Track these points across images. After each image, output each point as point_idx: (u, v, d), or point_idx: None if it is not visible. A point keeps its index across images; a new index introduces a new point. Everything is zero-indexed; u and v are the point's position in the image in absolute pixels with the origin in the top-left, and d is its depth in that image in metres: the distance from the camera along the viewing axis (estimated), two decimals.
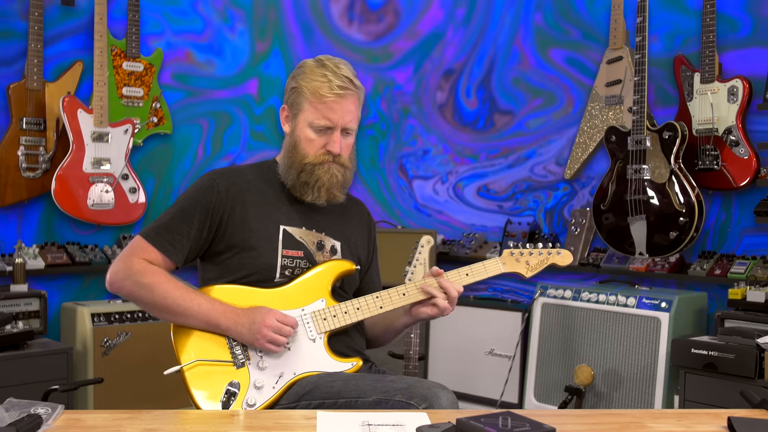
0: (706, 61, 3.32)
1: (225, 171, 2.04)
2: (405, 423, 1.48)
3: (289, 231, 1.98)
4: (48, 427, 1.44)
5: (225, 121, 4.11)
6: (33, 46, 3.44)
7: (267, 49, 4.20)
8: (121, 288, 1.91)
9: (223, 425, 1.53)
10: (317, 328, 1.91)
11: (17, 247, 3.43)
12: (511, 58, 4.21)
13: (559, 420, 1.60)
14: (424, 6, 4.42)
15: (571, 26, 3.99)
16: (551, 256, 2.09)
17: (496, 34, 4.26)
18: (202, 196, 1.95)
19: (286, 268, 1.95)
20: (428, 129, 4.45)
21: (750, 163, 3.23)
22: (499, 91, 4.26)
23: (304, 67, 2.00)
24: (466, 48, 4.35)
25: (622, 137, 3.48)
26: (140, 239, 1.93)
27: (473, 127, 4.35)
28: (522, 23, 4.17)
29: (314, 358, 1.89)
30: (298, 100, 1.98)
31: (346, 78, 1.95)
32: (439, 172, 4.44)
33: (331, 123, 1.95)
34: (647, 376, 3.19)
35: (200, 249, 1.97)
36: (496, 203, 4.28)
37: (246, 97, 4.17)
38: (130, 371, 3.35)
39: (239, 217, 1.95)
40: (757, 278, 3.12)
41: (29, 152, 3.45)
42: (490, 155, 4.29)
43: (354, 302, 1.95)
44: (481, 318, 3.84)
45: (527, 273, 2.07)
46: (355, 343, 2.03)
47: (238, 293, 1.92)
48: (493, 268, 2.04)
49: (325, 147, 1.96)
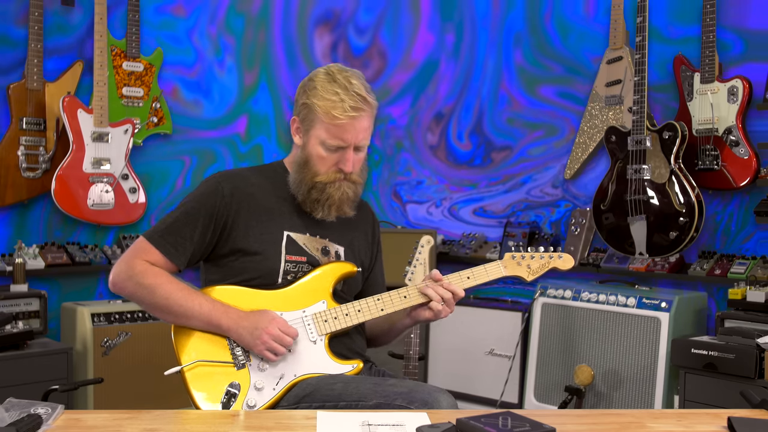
0: (706, 61, 3.32)
1: (230, 174, 2.02)
2: (405, 423, 1.49)
3: (293, 237, 1.97)
4: (48, 427, 1.44)
5: (208, 159, 4.06)
6: (33, 46, 3.44)
7: (255, 81, 4.15)
8: (123, 289, 1.91)
9: (223, 425, 1.53)
10: (318, 329, 1.90)
11: (17, 247, 3.43)
12: (500, 102, 4.20)
13: (559, 420, 1.60)
14: (410, 34, 4.37)
15: (552, 62, 4.02)
16: (552, 260, 2.07)
17: (480, 85, 4.26)
18: (206, 200, 1.94)
19: (288, 272, 1.95)
20: (421, 163, 4.43)
21: (750, 163, 3.23)
22: (494, 132, 4.24)
23: (315, 82, 1.94)
24: (457, 88, 4.33)
25: (622, 137, 3.48)
26: (143, 241, 1.93)
27: (470, 165, 4.33)
28: (505, 67, 4.17)
29: (315, 359, 1.88)
30: (309, 116, 1.94)
31: (359, 96, 1.90)
32: (434, 198, 4.41)
33: (345, 143, 1.91)
34: (647, 376, 3.19)
35: (203, 252, 1.96)
36: (496, 220, 4.24)
37: (233, 137, 4.12)
38: (130, 371, 3.35)
39: (243, 221, 1.94)
40: (757, 278, 3.12)
41: (29, 152, 3.45)
42: (491, 182, 4.26)
43: (355, 304, 1.94)
44: (481, 318, 3.84)
45: (528, 277, 2.06)
46: (355, 344, 2.02)
47: (239, 294, 1.91)
48: (495, 271, 2.03)
49: (337, 165, 1.93)
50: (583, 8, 3.91)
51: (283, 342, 1.82)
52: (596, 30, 3.85)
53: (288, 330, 1.84)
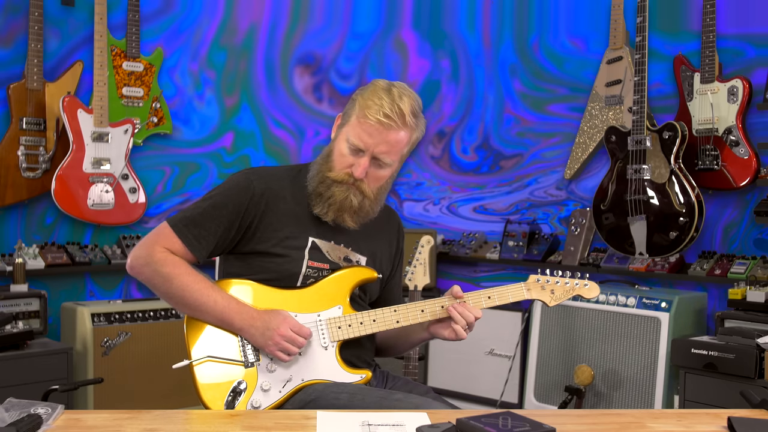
0: (706, 61, 3.32)
1: (263, 172, 1.97)
2: (405, 423, 1.48)
3: (318, 244, 1.93)
4: (48, 427, 1.44)
5: (191, 168, 4.04)
6: (33, 46, 3.44)
7: (236, 103, 4.12)
8: (140, 273, 1.88)
9: (223, 425, 1.53)
10: (331, 336, 1.87)
11: (17, 247, 3.43)
12: (506, 122, 4.19)
13: (559, 420, 1.60)
14: (400, 67, 4.32)
15: (554, 86, 4.03)
16: (578, 287, 2.02)
17: (483, 111, 4.25)
18: (236, 195, 1.90)
19: (309, 277, 1.91)
20: (422, 167, 4.42)
21: (750, 163, 3.23)
22: (503, 144, 4.22)
23: (373, 85, 1.91)
24: (460, 110, 4.32)
25: (622, 137, 3.48)
26: (167, 227, 1.89)
27: (476, 172, 4.32)
28: (506, 95, 4.17)
29: (324, 366, 1.86)
30: (349, 112, 1.91)
31: (399, 111, 1.83)
32: (433, 197, 4.40)
33: (364, 146, 1.86)
34: (647, 376, 3.19)
35: (225, 247, 1.92)
36: (499, 217, 4.23)
37: (219, 150, 4.10)
38: (130, 371, 3.35)
39: (270, 223, 1.91)
40: (757, 278, 3.12)
41: (29, 152, 3.45)
42: (501, 183, 4.25)
43: (371, 314, 1.91)
44: (481, 318, 3.83)
45: (551, 302, 2.01)
46: (366, 354, 1.99)
47: (256, 291, 1.89)
48: (517, 293, 2.00)
49: (350, 167, 1.88)
50: (568, 40, 3.95)
51: (295, 342, 1.80)
52: (591, 58, 3.85)
53: (300, 330, 1.81)
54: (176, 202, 3.97)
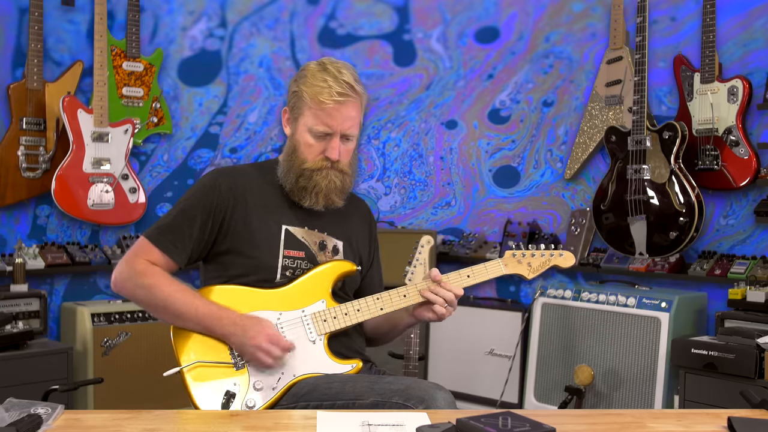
0: (706, 61, 3.32)
1: (227, 170, 2.04)
2: (405, 423, 1.48)
3: (291, 231, 1.98)
4: (48, 427, 1.44)
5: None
6: (33, 46, 3.44)
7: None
8: (123, 289, 1.92)
9: (223, 425, 1.53)
10: (317, 329, 1.90)
11: (17, 247, 3.43)
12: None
13: (559, 420, 1.60)
14: (376, 87, 4.26)
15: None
16: (553, 257, 2.07)
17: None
18: (203, 196, 1.95)
19: (287, 268, 1.95)
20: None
21: (750, 163, 3.23)
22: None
23: (306, 71, 1.98)
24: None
25: (622, 137, 3.48)
26: (143, 240, 1.93)
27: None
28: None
29: (314, 359, 1.88)
30: (298, 104, 1.97)
31: (347, 84, 1.92)
32: (425, 201, 4.35)
33: (330, 129, 1.93)
34: (647, 376, 3.19)
35: (203, 249, 1.96)
36: (497, 219, 4.22)
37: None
38: (130, 371, 3.35)
39: (241, 216, 1.95)
40: (757, 278, 3.12)
41: (29, 152, 3.45)
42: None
43: (354, 303, 1.94)
44: (481, 318, 3.84)
45: (529, 274, 2.06)
46: (355, 344, 2.03)
47: (238, 294, 1.91)
48: (495, 269, 2.03)
49: (323, 153, 1.95)
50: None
51: (270, 354, 1.82)
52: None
53: (279, 342, 1.83)
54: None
